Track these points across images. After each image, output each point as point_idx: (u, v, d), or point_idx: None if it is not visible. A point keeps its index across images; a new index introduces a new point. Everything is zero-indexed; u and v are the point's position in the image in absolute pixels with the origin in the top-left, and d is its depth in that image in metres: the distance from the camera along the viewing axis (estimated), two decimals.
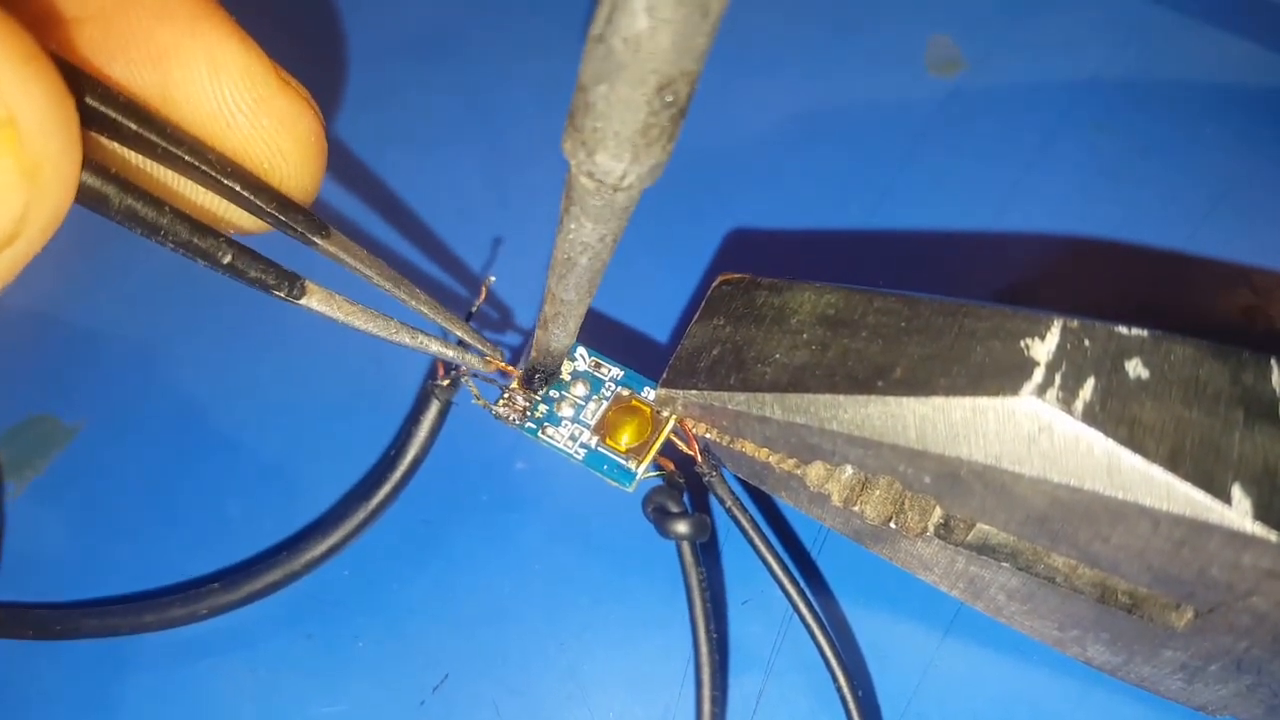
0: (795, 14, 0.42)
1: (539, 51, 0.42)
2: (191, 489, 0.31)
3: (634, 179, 0.16)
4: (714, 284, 0.26)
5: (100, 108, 0.18)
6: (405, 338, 0.23)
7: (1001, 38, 0.40)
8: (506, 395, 0.27)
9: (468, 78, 0.42)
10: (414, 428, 0.27)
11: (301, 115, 0.21)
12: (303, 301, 0.21)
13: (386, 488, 0.27)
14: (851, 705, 0.24)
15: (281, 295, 0.20)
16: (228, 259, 0.19)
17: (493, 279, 0.28)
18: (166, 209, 0.18)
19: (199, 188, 0.20)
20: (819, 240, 0.35)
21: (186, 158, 0.19)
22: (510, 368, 0.27)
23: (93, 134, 0.18)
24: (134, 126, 0.18)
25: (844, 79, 0.40)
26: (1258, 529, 0.18)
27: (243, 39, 0.20)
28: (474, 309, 0.27)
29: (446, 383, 0.27)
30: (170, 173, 0.20)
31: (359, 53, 0.43)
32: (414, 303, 0.24)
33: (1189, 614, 0.20)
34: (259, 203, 0.20)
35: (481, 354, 0.25)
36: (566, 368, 0.27)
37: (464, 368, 0.26)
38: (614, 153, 0.15)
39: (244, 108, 0.20)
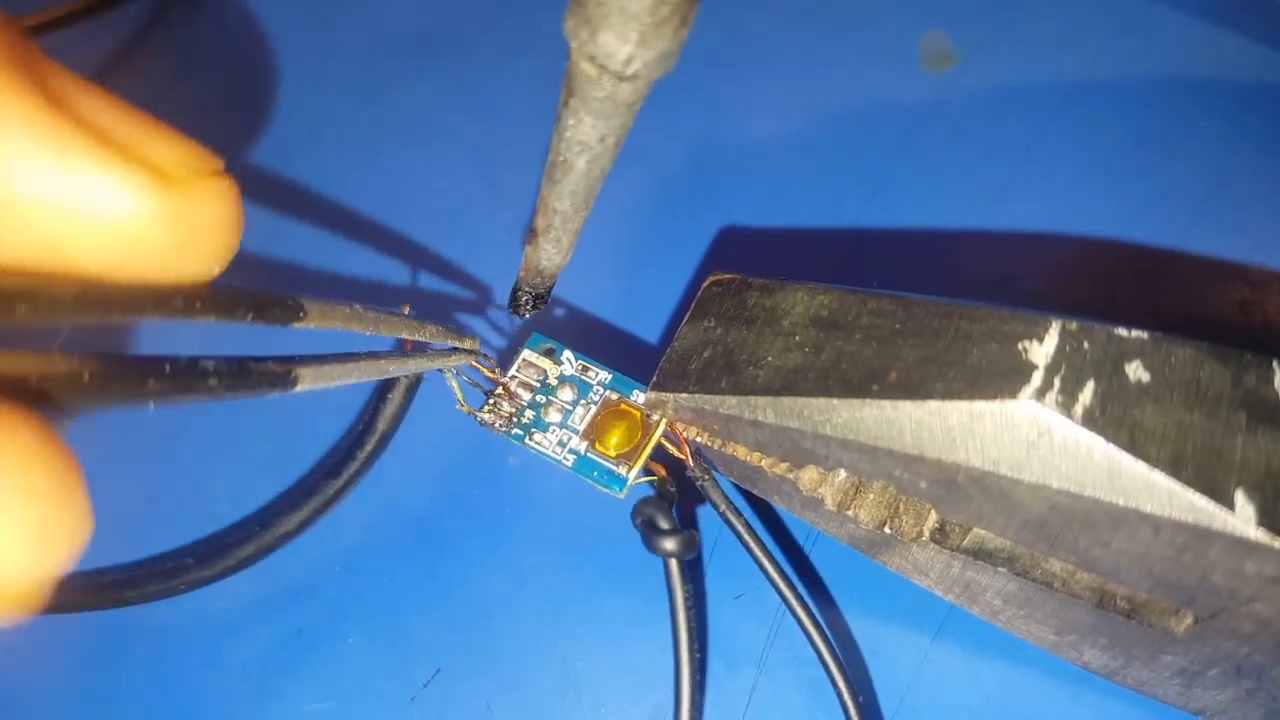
0: (787, 9, 0.41)
1: (534, 49, 0.41)
2: (178, 466, 0.31)
3: (640, 66, 0.14)
4: (704, 284, 0.26)
5: None
6: (396, 367, 0.23)
7: (995, 32, 0.39)
8: (492, 401, 0.26)
9: (462, 75, 0.41)
10: (381, 403, 0.27)
11: (215, 205, 0.15)
12: (297, 389, 0.19)
13: (355, 464, 0.27)
14: (848, 699, 0.24)
15: (278, 393, 0.18)
16: (217, 386, 0.16)
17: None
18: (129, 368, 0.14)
19: None
20: (812, 236, 0.35)
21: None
22: (496, 374, 0.26)
23: None
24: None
25: (837, 74, 0.39)
26: (1261, 535, 0.17)
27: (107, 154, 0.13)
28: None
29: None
30: None
31: (353, 50, 0.42)
32: (401, 333, 0.23)
33: (1189, 619, 0.20)
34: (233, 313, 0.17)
35: (468, 350, 0.25)
36: (553, 371, 0.26)
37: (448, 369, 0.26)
38: (619, 32, 0.14)
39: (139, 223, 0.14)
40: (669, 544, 0.24)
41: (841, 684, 0.24)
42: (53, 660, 0.28)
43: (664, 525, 0.24)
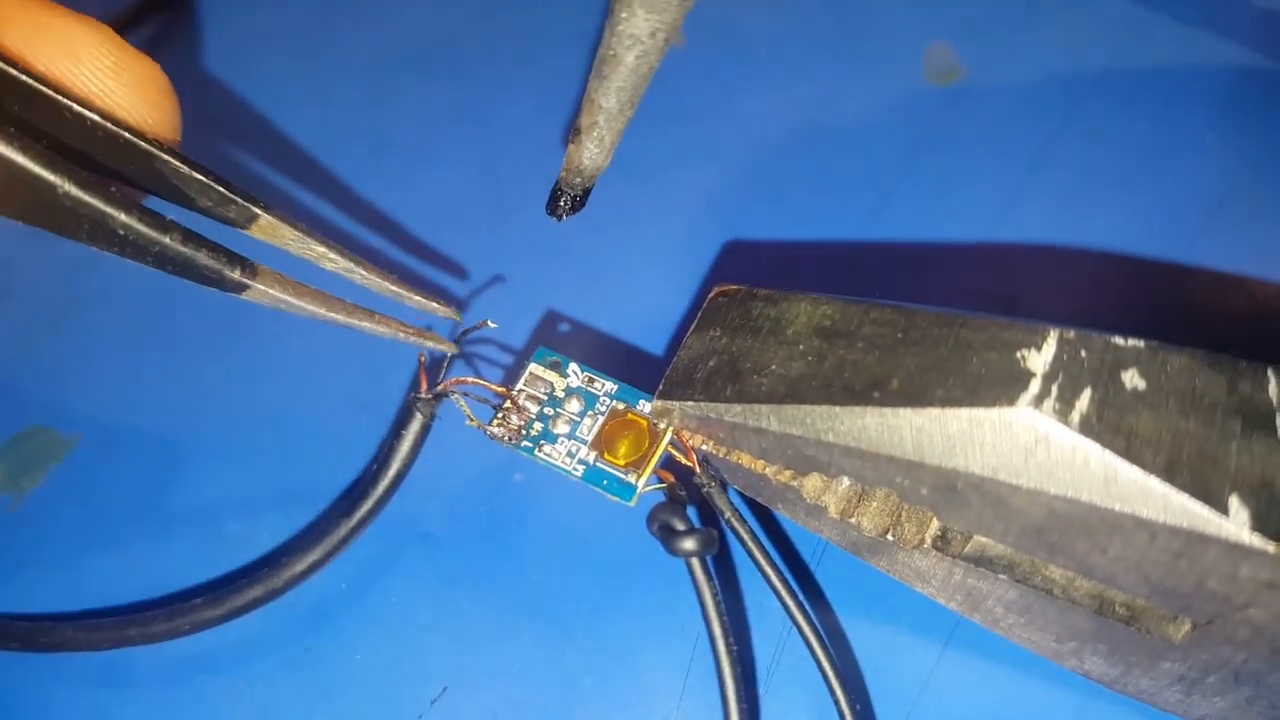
0: (793, 22, 0.42)
1: (537, 62, 0.42)
2: (189, 501, 0.31)
3: None
4: (710, 295, 0.26)
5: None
6: (363, 320, 0.24)
7: (1000, 45, 0.40)
8: (500, 415, 0.26)
9: (465, 88, 0.42)
10: (396, 442, 0.26)
11: (156, 72, 0.23)
12: (255, 285, 0.22)
13: (368, 504, 0.27)
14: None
15: (235, 276, 0.21)
16: (177, 238, 0.20)
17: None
18: (113, 190, 0.19)
19: None
20: (817, 249, 0.35)
21: (86, 117, 0.21)
22: (504, 389, 0.27)
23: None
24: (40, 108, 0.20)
25: (842, 86, 0.39)
26: (1255, 540, 0.17)
27: (87, 21, 0.22)
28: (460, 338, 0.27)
29: (429, 396, 0.26)
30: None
31: (356, 63, 0.43)
32: (364, 274, 0.24)
33: (1187, 626, 0.20)
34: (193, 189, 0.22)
35: (437, 340, 0.26)
36: (560, 384, 0.27)
37: (455, 388, 0.26)
38: None
39: (108, 76, 0.22)
40: (689, 543, 0.24)
41: (842, 697, 0.24)
42: (57, 673, 0.28)
43: (681, 526, 0.24)
